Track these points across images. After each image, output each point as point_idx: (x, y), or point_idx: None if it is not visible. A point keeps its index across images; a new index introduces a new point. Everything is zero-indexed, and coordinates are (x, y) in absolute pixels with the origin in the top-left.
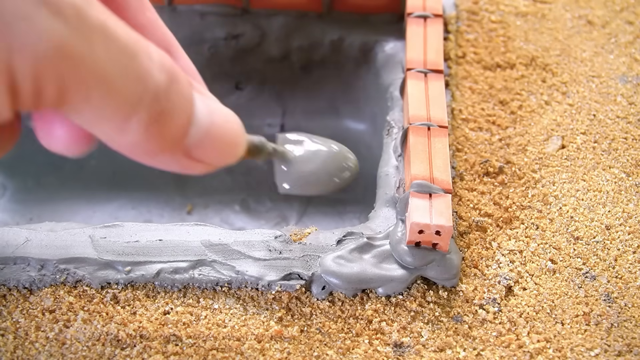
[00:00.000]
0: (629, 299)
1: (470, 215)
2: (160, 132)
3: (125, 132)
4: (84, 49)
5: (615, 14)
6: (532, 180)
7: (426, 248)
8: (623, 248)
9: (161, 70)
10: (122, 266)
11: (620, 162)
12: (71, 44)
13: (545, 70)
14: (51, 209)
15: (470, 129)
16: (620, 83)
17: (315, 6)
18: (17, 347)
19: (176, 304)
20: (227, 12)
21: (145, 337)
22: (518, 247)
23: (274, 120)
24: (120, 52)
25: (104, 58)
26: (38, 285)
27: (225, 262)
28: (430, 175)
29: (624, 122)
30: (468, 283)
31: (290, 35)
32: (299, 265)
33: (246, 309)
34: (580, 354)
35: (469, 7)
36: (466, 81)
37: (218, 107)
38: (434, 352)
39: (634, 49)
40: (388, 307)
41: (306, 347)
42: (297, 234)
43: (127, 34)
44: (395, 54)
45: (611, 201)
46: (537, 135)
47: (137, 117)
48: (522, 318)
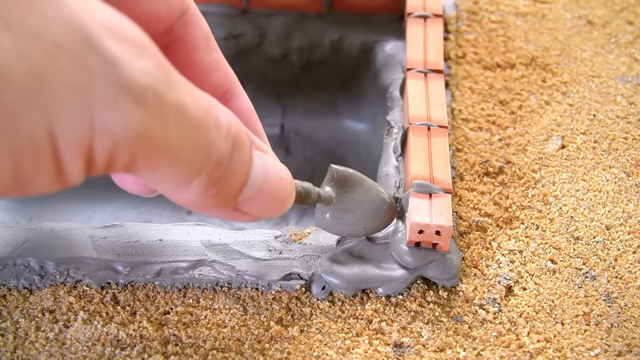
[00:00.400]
0: (629, 299)
1: (470, 215)
2: (217, 193)
3: (184, 192)
4: (159, 130)
5: (615, 14)
6: (532, 180)
7: (426, 248)
8: (623, 248)
9: (227, 139)
10: (122, 266)
11: (620, 162)
12: (148, 128)
13: (545, 70)
14: (51, 209)
15: (470, 129)
16: (620, 83)
17: (315, 6)
18: (17, 347)
19: (176, 304)
20: (227, 12)
21: (145, 337)
22: (518, 247)
23: (274, 120)
24: (192, 127)
25: (176, 135)
26: (38, 285)
27: (225, 262)
28: (430, 175)
29: (624, 122)
30: (468, 283)
31: (290, 35)
32: (299, 265)
33: (246, 309)
34: (580, 354)
35: (469, 7)
36: (466, 81)
37: (272, 165)
38: (434, 352)
39: (634, 49)
40: (388, 307)
41: (306, 347)
42: (297, 234)
43: (201, 105)
44: (395, 54)
45: (611, 201)
46: (537, 135)
47: (197, 181)
48: (522, 318)
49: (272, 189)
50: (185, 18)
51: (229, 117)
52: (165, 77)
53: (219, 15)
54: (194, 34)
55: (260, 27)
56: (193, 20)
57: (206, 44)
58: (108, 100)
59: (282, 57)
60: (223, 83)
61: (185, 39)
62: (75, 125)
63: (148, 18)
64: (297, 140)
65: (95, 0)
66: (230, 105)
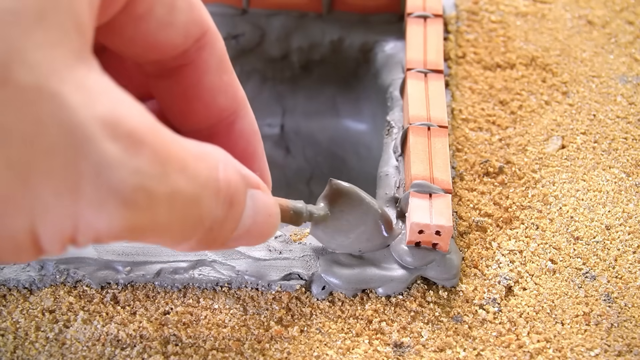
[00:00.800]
0: (629, 299)
1: (470, 215)
2: (207, 244)
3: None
4: (147, 221)
5: (615, 14)
6: (532, 180)
7: (426, 248)
8: (623, 248)
9: (224, 202)
10: (122, 266)
11: (620, 162)
12: (135, 223)
13: (545, 70)
14: None
15: (470, 129)
16: (620, 83)
17: (315, 6)
18: (17, 347)
19: (176, 304)
20: (227, 12)
21: (145, 337)
22: (518, 247)
23: (274, 120)
24: (185, 206)
25: (166, 218)
26: (38, 285)
27: (225, 262)
28: (430, 175)
29: (624, 122)
30: (468, 283)
31: (290, 35)
32: (299, 265)
33: (246, 309)
34: (580, 354)
35: (469, 7)
36: (466, 81)
37: (262, 204)
38: (434, 352)
39: (634, 49)
40: (388, 307)
41: (306, 347)
42: (297, 234)
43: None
44: (395, 54)
45: (611, 201)
46: (537, 135)
47: (186, 243)
48: (522, 318)
49: (259, 228)
50: (201, 42)
51: (228, 175)
52: (160, 170)
53: (219, 15)
54: (207, 58)
55: (260, 27)
56: (209, 44)
57: (218, 67)
58: (95, 204)
59: (282, 57)
60: (230, 106)
61: (198, 62)
62: (58, 226)
63: (163, 47)
64: (297, 140)
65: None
66: (233, 128)
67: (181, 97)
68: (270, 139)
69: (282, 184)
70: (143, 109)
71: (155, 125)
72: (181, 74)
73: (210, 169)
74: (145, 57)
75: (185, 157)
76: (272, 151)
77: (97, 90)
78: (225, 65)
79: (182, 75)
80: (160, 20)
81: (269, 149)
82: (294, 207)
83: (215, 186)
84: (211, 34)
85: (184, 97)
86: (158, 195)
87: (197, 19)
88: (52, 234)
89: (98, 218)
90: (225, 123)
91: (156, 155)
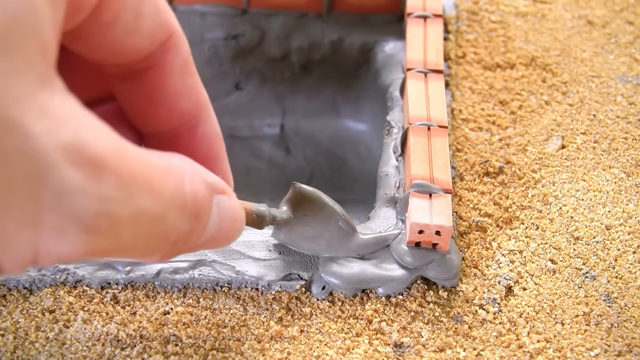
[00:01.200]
0: (629, 299)
1: (470, 215)
2: (173, 255)
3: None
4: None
5: (615, 14)
6: (532, 180)
7: (426, 248)
8: (623, 248)
9: (189, 217)
10: (122, 266)
11: (620, 162)
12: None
13: (545, 70)
14: None
15: (470, 129)
16: (620, 83)
17: (315, 6)
18: (17, 347)
19: (176, 304)
20: (227, 12)
21: (145, 337)
22: (518, 247)
23: (274, 120)
24: (149, 225)
25: (130, 238)
26: (38, 285)
27: (225, 262)
28: (430, 175)
29: (624, 122)
30: (468, 283)
31: (290, 35)
32: (299, 265)
33: (246, 309)
34: (580, 354)
35: (469, 7)
36: (466, 81)
37: (227, 209)
38: (434, 352)
39: (634, 49)
40: (388, 307)
41: (306, 347)
42: None
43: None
44: (395, 54)
45: (611, 201)
46: (537, 135)
47: (152, 257)
48: (522, 318)
49: (223, 234)
50: (166, 46)
51: (195, 188)
52: (124, 193)
53: (219, 15)
54: (172, 61)
55: (260, 27)
56: (174, 47)
57: (182, 70)
58: (56, 232)
59: (282, 57)
60: (192, 109)
61: (163, 65)
62: (19, 253)
63: (129, 52)
64: (297, 140)
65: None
66: (195, 131)
67: (144, 99)
68: (270, 139)
69: (282, 184)
70: (108, 130)
71: (120, 145)
72: (145, 76)
73: (176, 183)
74: (109, 61)
75: (150, 175)
76: (272, 151)
77: (60, 116)
78: (189, 68)
79: (145, 77)
80: (127, 27)
81: (269, 149)
82: (257, 210)
83: (181, 201)
84: (176, 37)
85: (147, 100)
86: (121, 218)
87: (163, 22)
88: (12, 260)
89: (59, 245)
90: (188, 126)
91: (120, 178)
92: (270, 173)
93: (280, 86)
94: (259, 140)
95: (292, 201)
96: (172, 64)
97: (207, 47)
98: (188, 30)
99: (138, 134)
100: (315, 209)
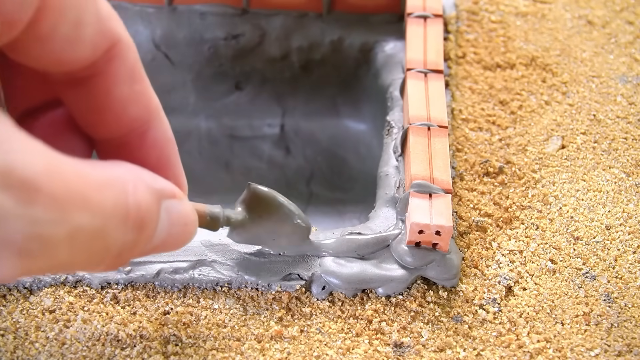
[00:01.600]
0: (629, 299)
1: (470, 215)
2: (120, 264)
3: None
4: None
5: (615, 14)
6: (532, 180)
7: (426, 248)
8: (623, 248)
9: (133, 227)
10: (122, 266)
11: (620, 162)
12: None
13: (545, 70)
14: None
15: (470, 129)
16: (620, 83)
17: (315, 6)
18: (17, 347)
19: (176, 304)
20: (227, 12)
21: (145, 337)
22: (518, 247)
23: (274, 120)
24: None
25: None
26: (38, 285)
27: (225, 262)
28: (430, 175)
29: (624, 122)
30: (468, 283)
31: (290, 35)
32: (299, 265)
33: (246, 309)
34: (580, 354)
35: (469, 7)
36: (466, 81)
37: (177, 215)
38: (434, 352)
39: (634, 49)
40: (388, 307)
41: (306, 347)
42: None
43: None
44: (395, 54)
45: (611, 201)
46: (537, 135)
47: (95, 269)
48: (522, 318)
49: (174, 239)
50: (111, 54)
51: (138, 198)
52: (57, 214)
53: (219, 15)
54: (117, 68)
55: (260, 27)
56: (120, 55)
57: (129, 77)
58: None
59: (282, 57)
60: (141, 116)
61: (108, 73)
62: None
63: (70, 61)
64: (297, 140)
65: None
66: (146, 137)
67: (91, 106)
68: (270, 139)
69: (282, 184)
70: (42, 147)
71: (53, 164)
72: (90, 84)
73: (117, 195)
74: (52, 70)
75: (87, 190)
76: (272, 151)
77: None
78: (137, 75)
79: (91, 85)
80: (66, 38)
81: (269, 149)
82: (210, 212)
83: (123, 213)
84: (122, 45)
85: (94, 107)
86: (56, 238)
87: (105, 31)
88: None
89: None
90: (137, 132)
91: (53, 199)
92: (270, 173)
93: (280, 86)
94: (259, 140)
95: (247, 202)
96: (117, 72)
97: (207, 47)
98: (188, 30)
99: (89, 140)
100: (271, 210)
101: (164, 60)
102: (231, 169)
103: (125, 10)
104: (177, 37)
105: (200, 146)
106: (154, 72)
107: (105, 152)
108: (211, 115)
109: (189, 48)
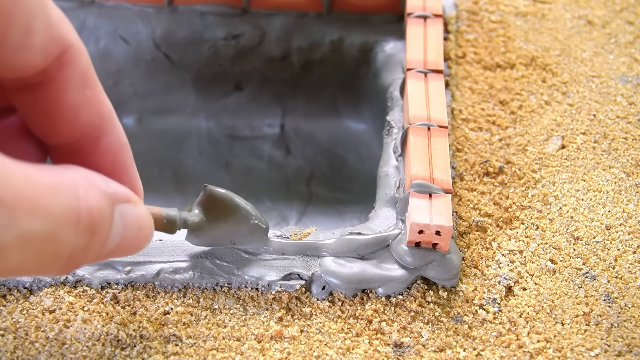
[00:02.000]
0: (629, 299)
1: (470, 215)
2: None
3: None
4: None
5: (615, 14)
6: (532, 180)
7: (426, 248)
8: (623, 248)
9: (84, 232)
10: (122, 266)
11: (620, 162)
12: None
13: (545, 70)
14: None
15: (470, 129)
16: (620, 83)
17: (315, 6)
18: (17, 347)
19: (176, 304)
20: (227, 12)
21: (145, 337)
22: (518, 247)
23: (274, 120)
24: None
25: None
26: (38, 285)
27: (225, 262)
28: (430, 175)
29: (624, 122)
30: (468, 283)
31: (290, 35)
32: (299, 265)
33: (246, 309)
34: (580, 354)
35: (469, 7)
36: (466, 81)
37: (132, 219)
38: (434, 352)
39: (634, 49)
40: (388, 307)
41: (306, 347)
42: (297, 233)
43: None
44: (395, 54)
45: (611, 201)
46: (537, 135)
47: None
48: (522, 318)
49: (129, 243)
50: (62, 60)
51: (89, 202)
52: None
53: (219, 15)
54: (69, 75)
55: (260, 27)
56: (71, 61)
57: (81, 83)
58: None
59: (282, 57)
60: (94, 122)
61: (59, 79)
62: None
63: (21, 68)
64: (297, 140)
65: None
66: (99, 142)
67: (42, 112)
68: (270, 139)
69: (282, 184)
70: None
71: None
72: (41, 89)
73: (68, 200)
74: (2, 76)
75: (37, 195)
76: (272, 151)
77: None
78: (89, 80)
79: (42, 91)
80: (15, 44)
81: (269, 149)
82: (167, 215)
83: (74, 217)
84: (74, 51)
85: (46, 112)
86: (5, 244)
87: (56, 37)
88: None
89: None
90: (91, 137)
91: (1, 204)
92: (270, 173)
93: (280, 86)
94: (259, 140)
95: (203, 204)
96: (69, 78)
97: (207, 47)
98: (188, 30)
99: (43, 146)
100: (228, 211)
101: (164, 60)
102: (231, 169)
103: (125, 10)
104: (177, 37)
105: (200, 146)
106: (154, 72)
107: (59, 158)
108: (211, 115)
109: (189, 48)
